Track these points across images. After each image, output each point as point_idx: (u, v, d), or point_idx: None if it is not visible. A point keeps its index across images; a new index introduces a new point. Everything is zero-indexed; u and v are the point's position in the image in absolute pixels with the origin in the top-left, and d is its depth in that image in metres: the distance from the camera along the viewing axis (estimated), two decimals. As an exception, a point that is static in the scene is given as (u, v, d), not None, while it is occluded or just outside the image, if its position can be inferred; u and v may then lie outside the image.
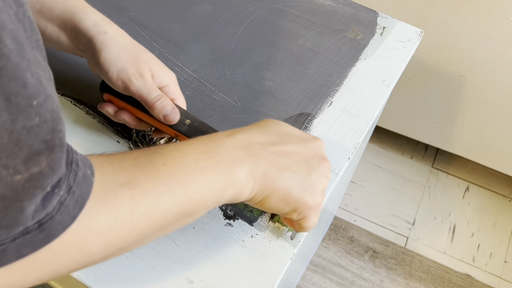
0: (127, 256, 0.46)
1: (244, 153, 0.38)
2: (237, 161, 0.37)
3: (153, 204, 0.33)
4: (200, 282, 0.46)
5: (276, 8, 0.68)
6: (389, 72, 0.63)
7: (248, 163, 0.38)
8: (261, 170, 0.38)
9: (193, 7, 0.67)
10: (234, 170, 0.37)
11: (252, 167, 0.38)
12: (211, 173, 0.36)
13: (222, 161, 0.37)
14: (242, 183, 0.37)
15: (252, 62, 0.62)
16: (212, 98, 0.58)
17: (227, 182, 0.36)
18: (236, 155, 0.38)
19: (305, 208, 0.40)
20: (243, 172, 0.37)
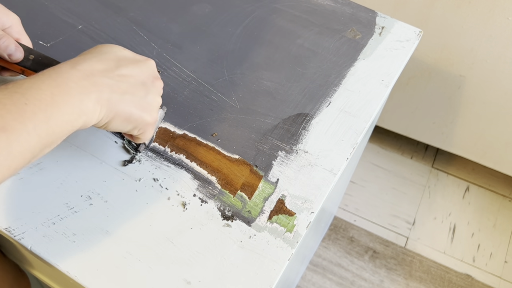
0: (124, 257, 0.46)
1: (89, 83, 0.42)
2: (85, 92, 0.42)
3: (25, 142, 0.37)
4: (198, 282, 0.46)
5: (275, 8, 0.68)
6: (388, 72, 0.63)
7: (94, 92, 0.42)
8: (105, 97, 0.43)
9: (191, 7, 0.67)
10: (84, 100, 0.42)
11: (98, 95, 0.43)
12: (66, 106, 0.40)
13: (73, 94, 0.41)
14: (91, 111, 0.42)
15: (250, 62, 0.62)
16: (211, 98, 0.58)
17: (79, 112, 0.41)
18: (83, 85, 0.42)
19: (144, 125, 0.47)
20: (91, 101, 0.42)
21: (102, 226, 0.48)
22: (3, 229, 0.47)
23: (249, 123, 0.57)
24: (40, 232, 0.47)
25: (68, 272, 0.45)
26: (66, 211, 0.49)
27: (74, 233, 0.47)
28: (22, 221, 0.48)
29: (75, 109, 0.41)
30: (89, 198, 0.50)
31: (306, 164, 0.54)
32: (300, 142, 0.56)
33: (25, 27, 0.62)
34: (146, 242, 0.48)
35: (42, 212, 0.48)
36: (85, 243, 0.47)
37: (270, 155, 0.54)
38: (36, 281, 0.74)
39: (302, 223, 0.50)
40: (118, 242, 0.47)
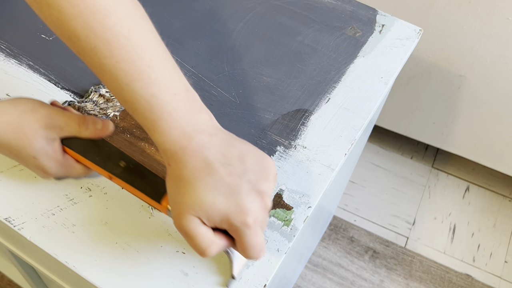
0: (123, 248, 0.47)
1: (202, 138, 0.38)
2: (193, 125, 0.38)
3: (110, 76, 0.37)
4: (195, 274, 0.46)
5: (276, 5, 0.68)
6: (387, 69, 0.63)
7: (199, 140, 0.38)
8: (204, 151, 0.38)
9: (192, 3, 0.68)
10: (188, 120, 0.38)
11: (199, 142, 0.38)
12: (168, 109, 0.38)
13: (183, 116, 0.38)
14: (173, 135, 0.38)
15: (250, 58, 0.62)
16: (211, 93, 0.59)
17: (167, 118, 0.38)
18: (196, 127, 0.38)
19: (236, 213, 0.38)
20: (200, 121, 0.39)
21: (101, 218, 0.49)
22: (3, 219, 0.47)
23: (248, 118, 0.57)
24: (40, 222, 0.48)
25: (67, 263, 0.46)
26: (65, 202, 0.49)
27: (73, 224, 0.48)
28: (22, 211, 0.48)
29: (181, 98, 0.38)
30: (88, 189, 0.50)
31: (304, 159, 0.54)
32: (298, 137, 0.56)
33: (27, 21, 0.63)
34: (145, 234, 0.48)
35: (42, 203, 0.49)
36: (84, 234, 0.47)
37: (268, 150, 0.55)
38: (34, 272, 0.74)
39: (299, 217, 0.50)
40: (117, 233, 0.48)
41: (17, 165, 0.51)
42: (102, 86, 0.57)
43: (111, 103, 0.56)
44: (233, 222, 0.38)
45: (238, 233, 0.38)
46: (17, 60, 0.59)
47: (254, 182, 0.39)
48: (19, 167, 0.51)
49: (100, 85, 0.57)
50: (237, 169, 0.38)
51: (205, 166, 0.38)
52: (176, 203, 0.39)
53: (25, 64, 0.59)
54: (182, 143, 0.38)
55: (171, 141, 0.38)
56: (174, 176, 0.39)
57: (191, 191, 0.38)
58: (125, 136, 0.54)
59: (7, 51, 0.60)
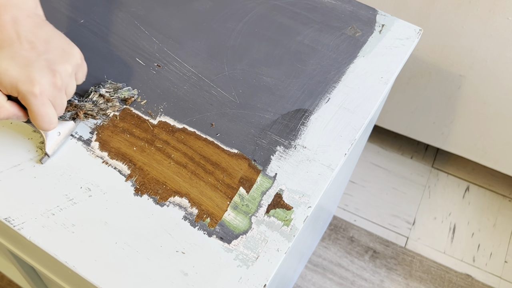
0: (122, 248, 0.47)
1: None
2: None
3: None
4: (194, 274, 0.46)
5: (275, 5, 0.68)
6: (387, 69, 0.63)
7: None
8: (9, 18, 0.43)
9: (192, 3, 0.67)
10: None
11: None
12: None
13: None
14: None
15: (250, 58, 0.62)
16: (210, 93, 0.59)
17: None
18: None
19: (25, 82, 0.43)
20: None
21: (101, 218, 0.49)
22: (3, 219, 0.47)
23: (248, 118, 0.57)
24: (40, 222, 0.48)
25: (66, 263, 0.46)
26: (65, 202, 0.49)
27: (73, 224, 0.48)
28: (22, 211, 0.48)
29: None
30: (88, 189, 0.50)
31: (304, 159, 0.54)
32: (298, 137, 0.56)
33: (27, 21, 0.63)
34: (144, 234, 0.48)
35: (41, 203, 0.49)
36: (84, 234, 0.47)
37: (268, 150, 0.55)
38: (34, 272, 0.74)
39: (299, 217, 0.50)
40: (117, 233, 0.48)
41: (17, 165, 0.51)
42: (102, 86, 0.57)
43: (111, 103, 0.56)
44: (20, 89, 0.43)
45: (26, 101, 0.44)
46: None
47: (51, 61, 0.44)
48: (18, 167, 0.51)
49: (100, 85, 0.57)
50: (39, 47, 0.44)
51: (9, 38, 0.43)
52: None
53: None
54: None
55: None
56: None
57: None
58: (125, 136, 0.54)
59: (7, 51, 0.60)
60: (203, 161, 0.53)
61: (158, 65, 0.60)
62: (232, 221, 0.49)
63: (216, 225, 0.49)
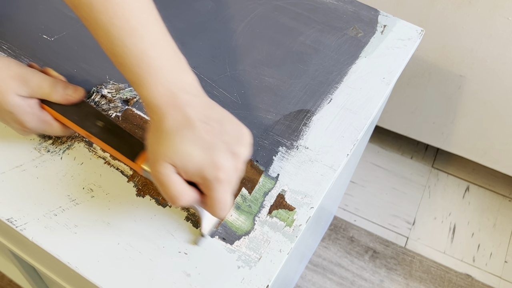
0: (125, 249, 0.47)
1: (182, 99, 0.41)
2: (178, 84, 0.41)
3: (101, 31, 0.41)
4: (197, 275, 0.46)
5: (277, 5, 0.68)
6: (389, 70, 0.63)
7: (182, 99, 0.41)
8: (184, 108, 0.41)
9: (194, 3, 0.67)
10: (179, 77, 0.41)
11: (180, 100, 0.41)
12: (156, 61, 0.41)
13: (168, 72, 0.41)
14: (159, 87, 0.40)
15: (252, 59, 0.62)
16: (212, 94, 0.59)
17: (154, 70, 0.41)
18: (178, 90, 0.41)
19: (210, 167, 0.40)
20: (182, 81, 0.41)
21: (103, 218, 0.49)
22: (5, 219, 0.47)
23: (250, 118, 0.57)
24: (42, 223, 0.48)
25: (69, 263, 0.46)
26: (68, 203, 0.49)
27: (75, 224, 0.48)
28: (24, 212, 0.48)
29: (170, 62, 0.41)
30: (90, 190, 0.50)
31: (306, 159, 0.54)
32: (300, 138, 0.56)
33: (29, 21, 0.63)
34: (147, 235, 0.48)
35: (44, 204, 0.49)
36: (86, 234, 0.47)
37: (270, 151, 0.55)
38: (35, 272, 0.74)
39: (301, 218, 0.50)
40: (119, 234, 0.48)
41: (19, 166, 0.51)
42: (104, 86, 0.57)
43: (113, 103, 0.56)
44: (206, 175, 0.40)
45: (209, 187, 0.41)
46: (19, 61, 0.59)
47: (229, 144, 0.42)
48: (21, 167, 0.51)
49: (102, 86, 0.57)
50: (215, 129, 0.41)
51: (186, 121, 0.40)
52: (153, 152, 0.41)
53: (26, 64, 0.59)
54: (167, 99, 0.41)
55: (156, 96, 0.41)
56: (155, 128, 0.41)
57: (170, 141, 0.40)
58: (127, 136, 0.54)
59: (8, 52, 0.60)
60: (205, 161, 0.53)
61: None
62: (234, 222, 0.49)
63: (219, 226, 0.49)
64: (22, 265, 0.69)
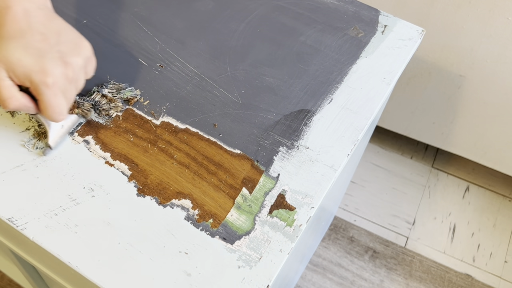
0: (125, 249, 0.47)
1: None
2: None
3: None
4: (197, 275, 0.46)
5: (278, 5, 0.68)
6: (390, 70, 0.63)
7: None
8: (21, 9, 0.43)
9: (195, 3, 0.67)
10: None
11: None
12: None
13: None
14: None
15: (253, 59, 0.62)
16: (213, 93, 0.59)
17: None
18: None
19: (38, 72, 0.43)
20: None
21: (103, 218, 0.49)
22: (6, 219, 0.47)
23: (251, 118, 0.57)
24: (43, 223, 0.48)
25: (69, 263, 0.46)
26: (68, 203, 0.49)
27: (76, 224, 0.48)
28: (25, 211, 0.48)
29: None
30: (91, 190, 0.50)
31: (307, 159, 0.54)
32: (301, 138, 0.56)
33: (29, 21, 0.63)
34: (148, 234, 0.48)
35: (44, 203, 0.49)
36: (87, 234, 0.47)
37: (271, 151, 0.55)
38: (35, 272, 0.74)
39: (302, 218, 0.50)
40: (120, 233, 0.48)
41: (20, 165, 0.51)
42: (104, 86, 0.57)
43: (114, 103, 0.56)
44: (34, 80, 0.43)
45: (38, 91, 0.44)
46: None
47: (63, 53, 0.44)
48: (21, 167, 0.51)
49: (102, 86, 0.57)
50: (51, 39, 0.44)
51: (22, 29, 0.43)
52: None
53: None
54: (9, 3, 0.43)
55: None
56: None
57: (3, 46, 0.43)
58: (128, 136, 0.54)
59: (9, 51, 0.60)
60: (205, 161, 0.53)
61: (161, 66, 0.60)
62: (235, 222, 0.49)
63: (219, 225, 0.49)
64: (22, 264, 0.69)
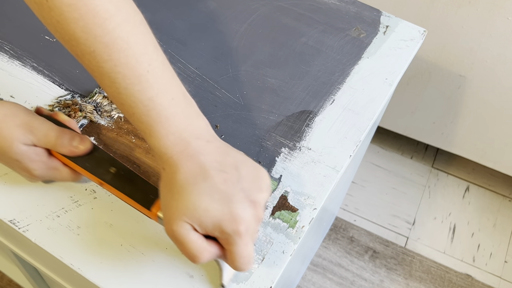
0: (128, 250, 0.47)
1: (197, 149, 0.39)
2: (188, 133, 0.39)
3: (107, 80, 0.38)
4: (200, 276, 0.46)
5: (279, 6, 0.68)
6: (392, 70, 0.63)
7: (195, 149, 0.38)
8: (198, 157, 0.38)
9: (196, 4, 0.67)
10: (193, 123, 0.39)
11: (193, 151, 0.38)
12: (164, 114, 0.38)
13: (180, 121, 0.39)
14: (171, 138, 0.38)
15: (255, 60, 0.62)
16: (215, 94, 0.59)
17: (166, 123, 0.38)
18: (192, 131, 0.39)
19: (229, 221, 0.37)
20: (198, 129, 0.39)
21: (106, 220, 0.48)
22: (7, 221, 0.47)
23: (252, 119, 0.57)
24: (45, 224, 0.47)
25: (72, 265, 0.45)
26: (70, 204, 0.49)
27: (78, 226, 0.48)
28: (27, 213, 0.48)
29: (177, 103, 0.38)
30: (93, 191, 0.50)
31: (309, 161, 0.54)
32: (303, 139, 0.56)
33: (31, 22, 0.63)
34: (150, 236, 0.48)
35: (46, 205, 0.49)
36: (89, 236, 0.47)
37: (273, 152, 0.55)
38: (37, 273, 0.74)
39: (304, 219, 0.50)
40: (122, 235, 0.48)
41: (21, 167, 0.51)
42: None
43: (115, 105, 0.56)
44: (225, 230, 0.37)
45: (229, 241, 0.38)
46: (21, 62, 0.59)
47: (248, 191, 0.39)
48: (23, 169, 0.51)
49: None
50: (232, 177, 0.38)
51: (200, 172, 0.38)
52: (168, 208, 0.39)
53: (29, 65, 0.59)
54: (179, 148, 0.38)
55: (168, 145, 0.38)
56: (168, 181, 0.39)
57: (185, 196, 0.37)
58: (130, 138, 0.54)
59: (10, 53, 0.60)
60: (208, 162, 0.53)
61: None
62: (237, 223, 0.49)
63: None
64: (24, 266, 0.69)
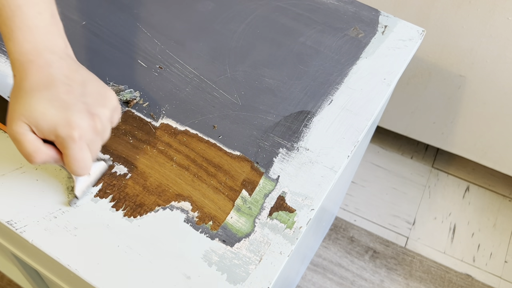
0: (125, 251, 0.47)
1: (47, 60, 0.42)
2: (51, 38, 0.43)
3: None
4: (197, 277, 0.46)
5: (278, 6, 0.68)
6: (390, 70, 0.63)
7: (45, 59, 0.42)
8: (48, 67, 0.42)
9: (195, 5, 0.67)
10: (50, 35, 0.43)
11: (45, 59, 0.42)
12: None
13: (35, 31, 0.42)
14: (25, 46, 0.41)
15: (253, 60, 0.62)
16: (213, 95, 0.59)
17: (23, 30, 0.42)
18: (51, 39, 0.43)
19: (63, 126, 0.41)
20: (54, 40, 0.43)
21: (103, 221, 0.48)
22: (5, 222, 0.47)
23: (250, 120, 0.57)
24: (42, 225, 0.47)
25: (69, 266, 0.45)
26: (67, 205, 0.49)
27: (75, 227, 0.48)
28: (24, 214, 0.48)
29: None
30: (90, 192, 0.50)
31: (307, 161, 0.54)
32: (301, 139, 0.56)
33: (28, 23, 0.62)
34: (147, 237, 0.48)
35: (43, 206, 0.49)
36: (86, 237, 0.47)
37: (271, 152, 0.55)
38: (37, 274, 0.74)
39: (302, 220, 0.50)
40: (119, 236, 0.47)
41: (19, 168, 0.51)
42: None
43: None
44: (60, 134, 0.41)
45: (64, 145, 0.42)
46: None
47: (89, 104, 0.43)
48: (21, 169, 0.51)
49: None
50: (76, 90, 0.42)
51: (45, 81, 0.41)
52: (11, 110, 0.41)
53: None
54: (31, 57, 0.42)
55: (22, 52, 0.41)
56: (17, 86, 0.42)
57: (26, 99, 0.41)
58: (127, 138, 0.54)
59: (7, 53, 0.60)
60: (205, 163, 0.53)
61: (160, 67, 0.60)
62: (234, 224, 0.49)
63: (219, 228, 0.49)
64: (24, 267, 0.69)
